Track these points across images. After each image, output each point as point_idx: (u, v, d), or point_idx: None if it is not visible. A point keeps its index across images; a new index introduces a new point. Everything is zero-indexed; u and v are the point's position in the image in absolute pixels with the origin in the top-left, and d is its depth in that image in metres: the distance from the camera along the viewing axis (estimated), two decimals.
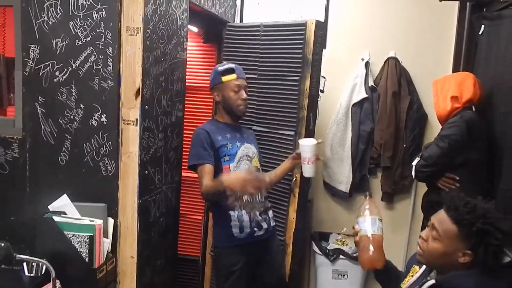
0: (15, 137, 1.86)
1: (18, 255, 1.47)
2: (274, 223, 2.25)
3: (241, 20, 2.91)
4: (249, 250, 2.10)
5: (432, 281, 1.32)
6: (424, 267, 1.48)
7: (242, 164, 2.11)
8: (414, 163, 2.26)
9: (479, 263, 1.25)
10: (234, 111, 2.16)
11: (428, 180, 2.29)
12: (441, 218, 1.31)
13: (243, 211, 2.07)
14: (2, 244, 1.44)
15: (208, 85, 2.31)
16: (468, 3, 2.57)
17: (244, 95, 2.17)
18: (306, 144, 2.11)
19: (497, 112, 2.18)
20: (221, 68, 2.20)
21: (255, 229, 2.09)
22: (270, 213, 2.21)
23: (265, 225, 2.13)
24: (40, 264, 1.62)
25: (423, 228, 1.80)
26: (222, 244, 2.14)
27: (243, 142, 2.17)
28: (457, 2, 2.62)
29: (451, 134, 2.12)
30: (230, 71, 2.18)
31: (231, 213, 2.07)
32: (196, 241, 3.06)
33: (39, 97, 1.81)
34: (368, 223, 1.50)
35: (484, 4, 2.48)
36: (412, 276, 1.53)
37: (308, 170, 2.13)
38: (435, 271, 1.39)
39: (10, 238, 1.76)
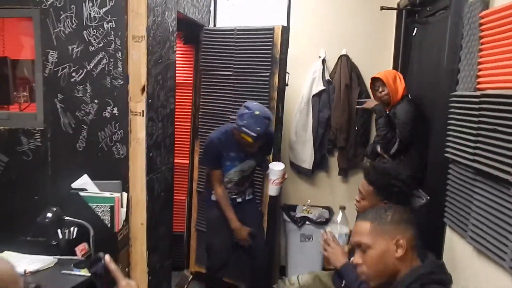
0: (37, 129, 2.19)
1: (66, 217, 1.84)
2: (251, 196, 2.72)
3: (214, 24, 3.30)
4: None
5: None
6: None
7: (231, 175, 2.57)
8: (378, 148, 2.68)
9: None
10: (242, 146, 2.49)
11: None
12: (362, 183, 1.87)
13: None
14: (55, 209, 1.80)
15: (187, 81, 2.69)
16: (403, 10, 3.09)
17: (252, 150, 2.46)
18: (274, 169, 2.52)
19: (427, 98, 2.70)
20: (246, 123, 2.32)
21: (231, 201, 2.62)
22: (249, 190, 2.70)
23: (239, 200, 2.65)
24: (71, 229, 2.00)
25: None
26: (207, 198, 2.71)
27: (243, 160, 2.55)
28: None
29: (412, 116, 2.56)
30: (248, 135, 2.33)
31: (212, 192, 2.63)
32: (181, 218, 3.44)
33: (58, 94, 2.15)
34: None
35: (416, 11, 3.00)
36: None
37: (273, 190, 2.55)
38: None
39: (35, 213, 2.13)
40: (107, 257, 1.14)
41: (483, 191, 1.58)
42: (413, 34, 3.00)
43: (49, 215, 1.80)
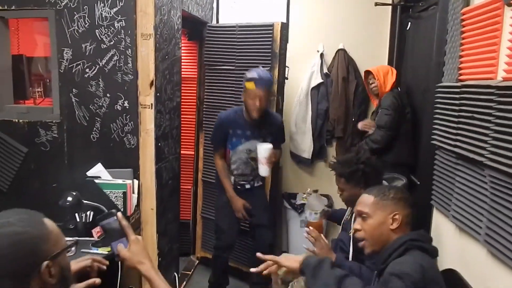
0: (54, 121, 2.36)
1: (85, 201, 2.01)
2: (260, 183, 2.85)
3: (217, 21, 3.45)
4: (237, 192, 2.74)
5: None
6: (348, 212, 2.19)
7: (238, 154, 2.70)
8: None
9: None
10: (249, 113, 2.58)
11: (386, 143, 2.81)
12: (335, 178, 2.06)
13: (232, 177, 2.77)
14: (75, 193, 1.97)
15: (192, 76, 2.83)
16: (398, 6, 3.22)
17: (257, 103, 2.46)
18: (261, 147, 2.53)
19: (419, 91, 2.85)
20: (248, 74, 2.51)
21: (238, 187, 2.77)
22: (257, 178, 2.80)
23: (247, 186, 2.78)
24: (88, 213, 2.17)
25: None
26: (216, 183, 2.86)
27: (249, 139, 2.64)
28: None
29: (391, 104, 2.72)
30: (250, 79, 2.47)
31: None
32: (187, 207, 3.62)
33: (73, 89, 2.32)
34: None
35: (410, 6, 3.14)
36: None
37: (262, 169, 2.56)
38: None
39: (54, 199, 2.30)
40: (119, 214, 1.24)
41: (463, 173, 1.73)
42: (407, 28, 3.14)
43: (70, 198, 1.97)
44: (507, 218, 1.37)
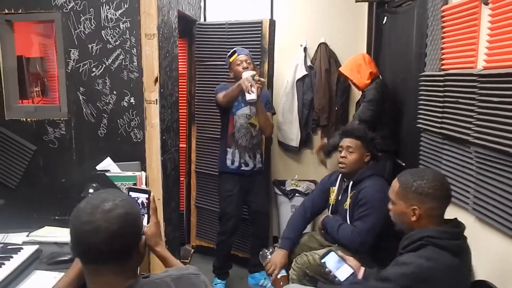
0: (61, 119, 2.44)
1: None
2: (261, 165, 3.03)
3: (205, 19, 3.59)
4: (239, 181, 2.92)
5: (351, 182, 2.24)
6: (338, 184, 2.40)
7: (240, 118, 2.88)
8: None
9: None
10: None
11: None
12: (349, 140, 2.27)
13: (236, 150, 2.89)
14: (95, 185, 2.09)
15: (182, 73, 2.95)
16: (374, 2, 3.45)
17: (244, 64, 2.78)
18: (246, 73, 2.67)
19: (398, 79, 3.09)
20: (228, 54, 2.88)
21: (243, 164, 2.91)
22: (258, 157, 2.98)
23: (251, 164, 2.93)
24: None
25: None
26: (220, 169, 2.99)
27: (247, 104, 2.85)
28: None
29: (374, 99, 2.87)
30: (233, 53, 2.84)
31: (228, 149, 2.91)
32: (180, 198, 3.74)
33: (80, 87, 2.40)
34: None
35: (385, 2, 3.37)
36: (333, 193, 2.44)
37: (249, 95, 2.65)
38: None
39: (63, 194, 2.41)
40: (153, 195, 1.37)
41: (449, 151, 1.98)
42: (383, 22, 3.38)
43: (91, 190, 2.08)
44: (492, 187, 1.62)
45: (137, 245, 1.05)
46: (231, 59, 2.86)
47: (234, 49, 2.88)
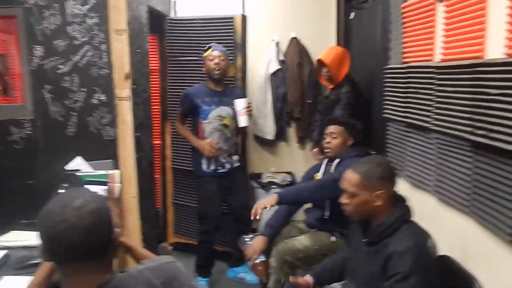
0: (27, 119, 2.38)
1: None
2: (239, 164, 3.06)
3: (175, 14, 3.58)
4: (217, 182, 2.94)
5: (337, 160, 2.31)
6: (324, 167, 2.46)
7: (211, 121, 2.89)
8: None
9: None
10: (211, 76, 2.89)
11: None
12: (332, 127, 2.37)
13: None
14: (66, 185, 2.08)
15: (154, 69, 2.97)
16: None
17: (216, 60, 2.82)
18: (238, 101, 2.86)
19: (366, 72, 3.15)
20: (205, 49, 2.92)
21: (219, 167, 2.94)
22: (235, 157, 3.01)
23: (228, 165, 2.96)
24: None
25: None
26: (196, 173, 3.00)
27: (218, 105, 2.88)
28: None
29: (350, 102, 2.85)
30: (208, 48, 2.89)
31: (202, 154, 2.92)
32: (156, 195, 3.74)
33: (46, 85, 2.36)
34: None
35: None
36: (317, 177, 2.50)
37: (242, 120, 2.85)
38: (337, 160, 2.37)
39: (30, 196, 2.36)
40: (112, 186, 1.38)
41: (413, 139, 2.06)
42: (350, 17, 3.45)
43: (63, 191, 2.07)
44: (451, 169, 1.71)
45: (111, 239, 1.06)
46: (205, 54, 2.91)
47: (210, 44, 2.92)
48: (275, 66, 3.55)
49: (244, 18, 3.15)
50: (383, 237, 1.57)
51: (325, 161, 2.53)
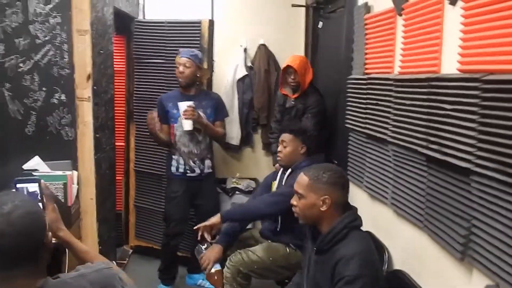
0: None
1: None
2: (211, 170, 3.01)
3: (144, 16, 3.55)
4: (186, 184, 2.92)
5: (290, 170, 2.34)
6: (279, 176, 2.50)
7: (184, 125, 2.83)
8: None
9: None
10: (178, 81, 2.88)
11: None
12: (284, 135, 2.38)
13: (180, 157, 2.91)
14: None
15: (120, 69, 2.93)
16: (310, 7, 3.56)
17: (180, 68, 2.83)
18: (182, 104, 2.75)
19: (331, 81, 3.20)
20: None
21: (188, 171, 2.92)
22: (207, 162, 2.97)
23: (197, 170, 2.93)
24: None
25: None
26: (166, 175, 3.01)
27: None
28: None
29: (320, 111, 2.94)
30: (178, 54, 2.89)
31: (173, 156, 2.92)
32: (118, 197, 3.67)
33: (6, 83, 2.31)
34: None
35: (321, 7, 3.49)
36: (274, 186, 2.53)
37: (186, 124, 2.77)
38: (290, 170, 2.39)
39: None
40: (43, 182, 1.36)
41: (372, 150, 2.11)
42: (319, 26, 3.51)
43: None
44: (407, 183, 1.74)
45: (44, 243, 1.04)
46: (176, 59, 2.90)
47: (180, 49, 2.93)
48: (243, 72, 3.58)
49: (211, 23, 3.16)
50: (332, 245, 1.59)
51: (281, 169, 2.54)
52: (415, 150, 1.63)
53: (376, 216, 2.13)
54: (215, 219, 2.27)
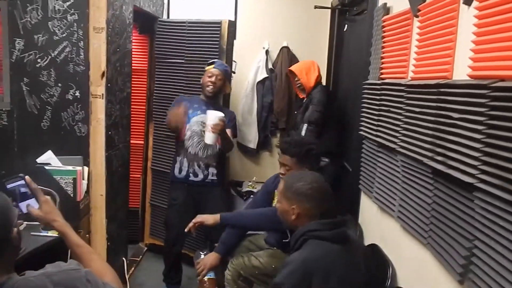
0: (4, 109, 2.39)
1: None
2: (215, 178, 2.89)
3: (168, 16, 3.57)
4: (186, 190, 2.87)
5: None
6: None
7: (193, 125, 2.84)
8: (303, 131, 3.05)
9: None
10: (204, 91, 2.85)
11: (315, 137, 3.00)
12: (284, 158, 2.20)
13: (185, 158, 2.87)
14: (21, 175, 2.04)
15: (142, 68, 2.93)
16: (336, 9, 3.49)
17: (212, 79, 2.79)
18: (211, 113, 2.58)
19: (353, 85, 3.09)
20: (209, 62, 2.90)
21: (191, 174, 2.87)
22: (211, 169, 2.87)
23: (201, 175, 2.85)
24: None
25: None
26: (171, 178, 2.96)
27: (204, 112, 2.77)
28: None
29: (321, 100, 2.92)
30: (211, 63, 2.85)
31: (177, 157, 2.88)
32: (136, 195, 3.71)
33: (24, 78, 2.36)
34: None
35: (346, 10, 3.41)
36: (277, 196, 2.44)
37: (209, 137, 2.60)
38: None
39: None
40: (28, 177, 1.37)
41: (382, 159, 2.01)
42: (344, 29, 3.42)
43: (18, 183, 2.03)
44: (414, 196, 1.64)
45: (8, 239, 1.03)
46: (206, 68, 2.88)
47: (214, 60, 2.90)
48: (264, 74, 3.54)
49: (231, 23, 3.13)
50: (294, 251, 1.57)
51: None
52: (421, 162, 1.53)
53: (383, 229, 2.03)
54: (214, 220, 2.21)
